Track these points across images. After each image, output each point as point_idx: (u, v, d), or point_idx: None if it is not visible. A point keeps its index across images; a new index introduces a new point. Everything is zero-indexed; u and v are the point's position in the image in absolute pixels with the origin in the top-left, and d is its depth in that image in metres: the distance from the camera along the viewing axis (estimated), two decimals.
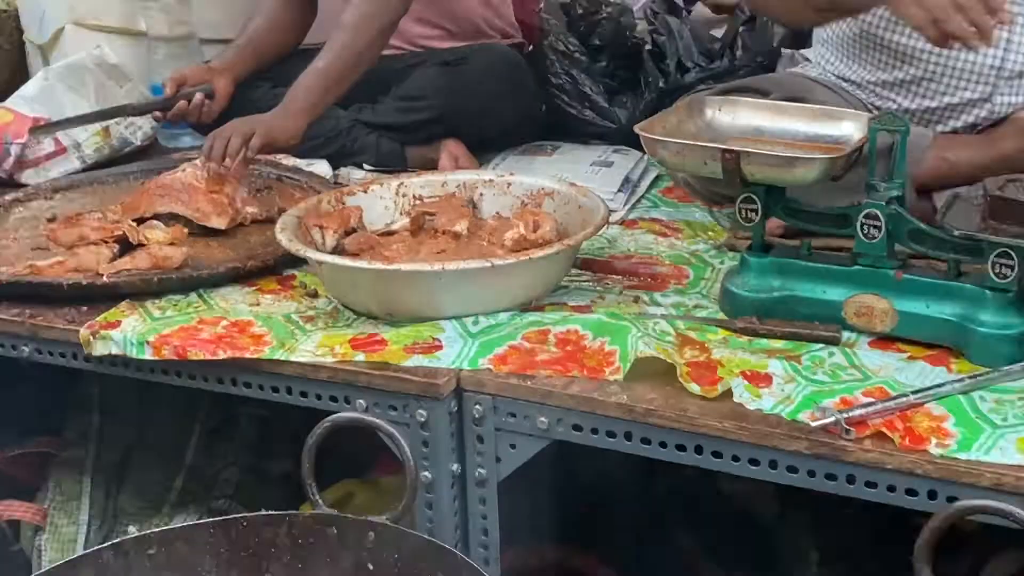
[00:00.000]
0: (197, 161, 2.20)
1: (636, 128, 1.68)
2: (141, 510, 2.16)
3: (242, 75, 2.53)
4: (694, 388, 1.53)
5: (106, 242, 1.92)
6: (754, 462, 1.48)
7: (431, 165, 2.50)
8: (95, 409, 2.28)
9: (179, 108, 2.44)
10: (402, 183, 2.07)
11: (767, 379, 1.55)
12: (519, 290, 1.75)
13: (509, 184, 2.04)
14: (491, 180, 2.06)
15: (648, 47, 2.66)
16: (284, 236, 1.80)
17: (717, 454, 1.50)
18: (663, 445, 1.53)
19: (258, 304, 1.88)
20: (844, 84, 2.07)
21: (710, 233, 2.11)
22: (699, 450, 1.51)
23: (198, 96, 2.43)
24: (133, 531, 2.00)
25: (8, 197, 2.36)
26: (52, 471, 2.22)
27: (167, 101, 2.45)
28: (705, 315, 1.76)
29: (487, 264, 1.68)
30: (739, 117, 1.80)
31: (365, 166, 2.53)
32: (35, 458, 2.28)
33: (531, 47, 2.77)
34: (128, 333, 1.77)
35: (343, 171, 2.52)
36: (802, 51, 2.26)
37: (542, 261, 1.72)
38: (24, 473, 2.29)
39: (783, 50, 2.50)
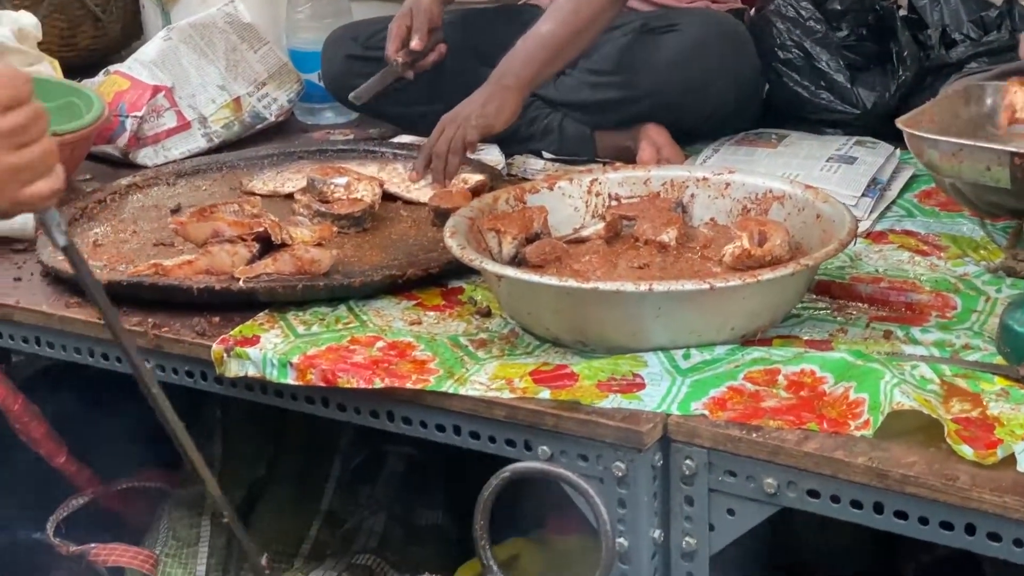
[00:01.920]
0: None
1: (899, 123, 1.67)
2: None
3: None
4: (966, 451, 1.51)
5: (244, 240, 1.99)
6: None
7: (625, 155, 2.52)
8: (217, 438, 2.37)
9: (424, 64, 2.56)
10: (596, 179, 2.09)
11: None
12: (742, 319, 1.76)
13: (728, 184, 2.04)
14: (705, 179, 2.07)
15: (903, 12, 2.63)
16: (454, 242, 1.84)
17: (994, 536, 1.47)
18: (923, 521, 1.51)
19: (419, 322, 1.93)
20: None
21: (982, 252, 2.07)
22: (970, 530, 1.48)
23: (441, 48, 2.54)
24: None
25: (124, 182, 2.48)
26: (165, 511, 2.31)
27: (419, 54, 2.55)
28: (977, 359, 1.73)
29: (705, 286, 1.68)
30: None
31: (545, 154, 2.57)
32: (145, 494, 2.38)
33: (752, 11, 2.76)
34: (268, 352, 1.83)
35: (518, 159, 2.57)
36: None
37: (774, 284, 1.72)
38: (132, 511, 2.39)
39: None
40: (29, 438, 2.20)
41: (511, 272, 1.76)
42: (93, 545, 2.19)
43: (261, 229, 1.99)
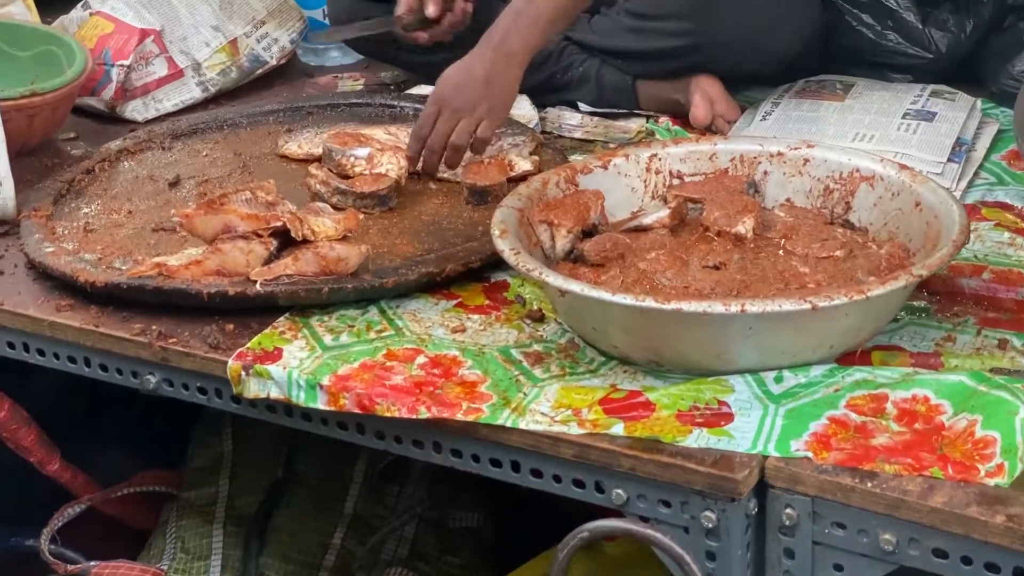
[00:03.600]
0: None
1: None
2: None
3: None
4: None
5: (259, 235, 1.76)
6: None
7: (672, 109, 2.31)
8: (227, 433, 2.17)
9: (449, 24, 2.27)
10: (655, 155, 1.86)
11: None
12: (842, 336, 1.54)
13: (807, 160, 1.82)
14: (780, 154, 1.84)
15: None
16: (506, 245, 1.62)
17: None
18: None
19: (463, 329, 1.71)
20: None
21: None
22: None
23: (466, 8, 2.27)
24: None
25: (113, 146, 2.24)
26: (173, 518, 2.11)
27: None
28: None
29: (806, 306, 1.46)
30: None
31: (582, 106, 2.34)
32: (149, 499, 2.18)
33: None
34: (293, 370, 1.62)
35: (552, 113, 2.35)
36: None
37: (881, 299, 1.50)
38: (134, 519, 2.19)
39: None
40: (18, 446, 1.99)
41: (576, 287, 1.53)
42: (93, 564, 2.00)
43: (279, 223, 1.76)
